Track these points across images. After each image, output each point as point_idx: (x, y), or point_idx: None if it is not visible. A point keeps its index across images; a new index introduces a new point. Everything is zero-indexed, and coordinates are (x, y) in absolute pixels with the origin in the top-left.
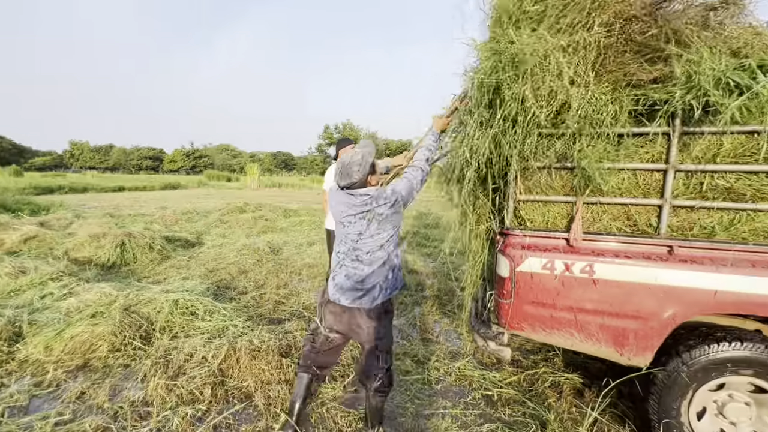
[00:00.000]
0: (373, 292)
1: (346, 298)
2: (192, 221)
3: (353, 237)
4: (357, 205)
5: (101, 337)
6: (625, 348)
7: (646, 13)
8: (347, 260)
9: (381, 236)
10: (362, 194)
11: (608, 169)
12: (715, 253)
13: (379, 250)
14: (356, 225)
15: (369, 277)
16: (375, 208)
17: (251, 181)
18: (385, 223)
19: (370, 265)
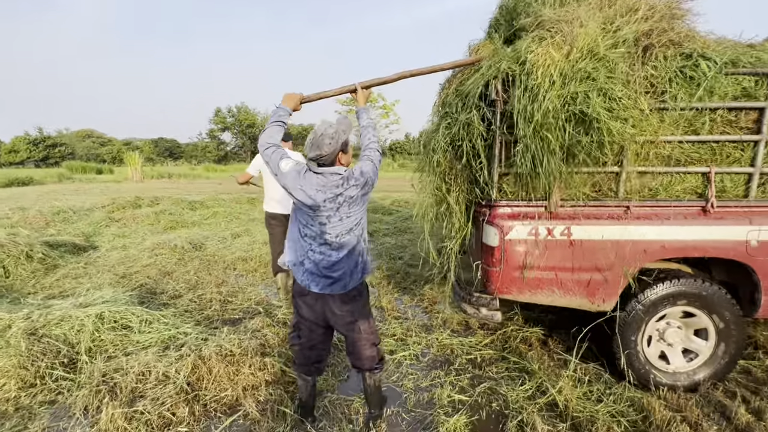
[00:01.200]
0: (344, 279)
1: (316, 284)
2: (70, 222)
3: (322, 220)
4: (328, 186)
5: (4, 374)
6: (596, 297)
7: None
8: (315, 245)
9: (350, 219)
10: (332, 173)
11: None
12: (659, 210)
13: (347, 234)
14: (325, 208)
15: (339, 263)
16: (346, 190)
17: (133, 172)
18: (354, 206)
19: (339, 250)
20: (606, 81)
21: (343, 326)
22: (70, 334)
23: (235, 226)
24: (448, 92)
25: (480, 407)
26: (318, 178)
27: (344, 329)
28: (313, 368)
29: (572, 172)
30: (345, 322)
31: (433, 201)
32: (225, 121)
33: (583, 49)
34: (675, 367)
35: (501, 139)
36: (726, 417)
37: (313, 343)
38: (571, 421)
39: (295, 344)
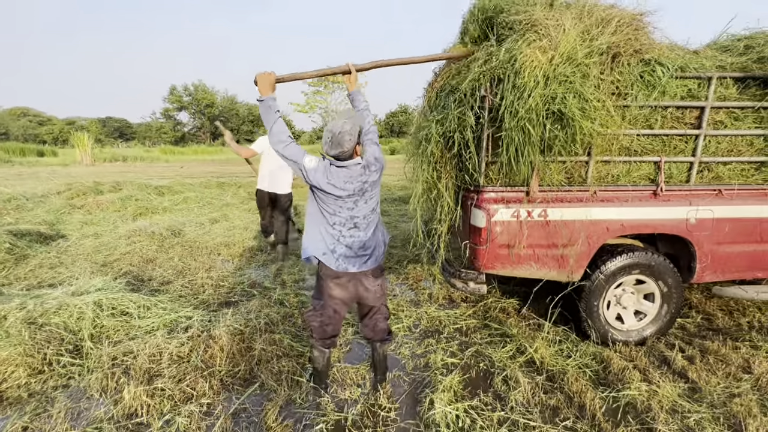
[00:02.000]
0: (375, 253)
1: (353, 264)
2: (25, 209)
3: (349, 206)
4: (355, 176)
5: (10, 362)
6: (567, 269)
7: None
8: (344, 230)
9: (373, 200)
10: (355, 164)
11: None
12: (620, 194)
13: (371, 214)
14: (353, 195)
15: (369, 241)
16: (369, 177)
17: (82, 154)
18: (374, 187)
19: (366, 229)
20: (581, 85)
21: (374, 300)
22: (70, 321)
23: (210, 212)
24: (437, 87)
25: (470, 367)
26: (343, 171)
27: (374, 302)
28: (330, 341)
29: (549, 161)
30: (376, 296)
31: (425, 187)
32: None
33: (564, 54)
34: (628, 326)
35: (488, 132)
36: (667, 363)
37: (332, 320)
38: (547, 374)
39: (314, 321)
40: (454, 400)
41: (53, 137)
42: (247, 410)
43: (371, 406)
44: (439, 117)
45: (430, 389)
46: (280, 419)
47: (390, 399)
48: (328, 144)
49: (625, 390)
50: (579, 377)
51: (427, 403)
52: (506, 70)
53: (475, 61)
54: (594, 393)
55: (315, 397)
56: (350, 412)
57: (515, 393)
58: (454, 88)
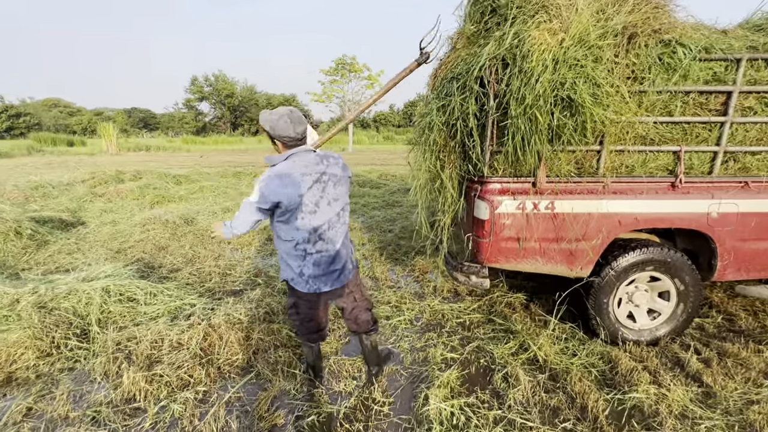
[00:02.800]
0: (346, 266)
1: (324, 284)
2: (51, 197)
3: (310, 209)
4: (311, 164)
5: (20, 345)
6: (575, 264)
7: None
8: (309, 247)
9: (337, 204)
10: (307, 150)
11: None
12: (634, 185)
13: (338, 222)
14: (312, 189)
15: (338, 255)
16: (327, 166)
17: (108, 144)
18: (339, 187)
19: (334, 242)
20: (592, 69)
21: (345, 300)
22: (78, 306)
23: (224, 201)
24: (442, 73)
25: (470, 363)
26: (299, 159)
27: (345, 302)
28: (316, 336)
29: (557, 151)
30: (353, 300)
31: (428, 177)
32: (202, 91)
33: (575, 36)
34: (640, 324)
35: (493, 119)
36: (680, 366)
37: (311, 317)
38: (549, 372)
39: (294, 319)
40: (450, 396)
41: (82, 127)
42: (241, 399)
43: (365, 399)
44: (440, 104)
45: (426, 384)
46: (273, 409)
47: (384, 393)
48: (292, 124)
49: (632, 392)
50: (583, 377)
51: (421, 398)
52: (513, 54)
53: (484, 46)
54: (598, 394)
55: (309, 388)
56: (343, 405)
57: (514, 391)
58: (458, 75)
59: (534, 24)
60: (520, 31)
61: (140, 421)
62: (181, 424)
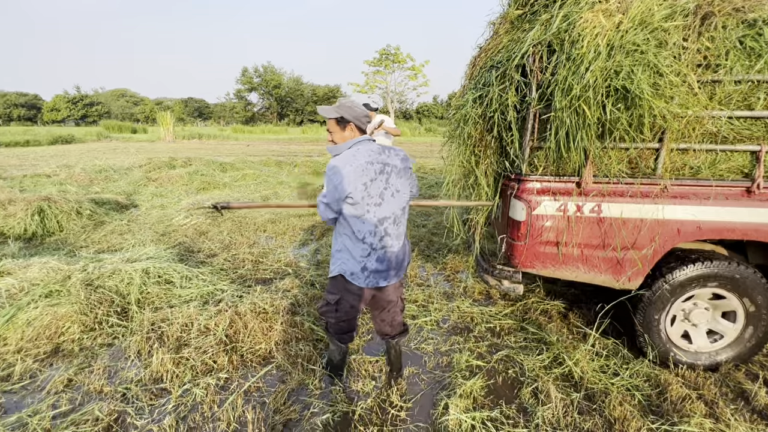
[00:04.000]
0: (404, 262)
1: (384, 279)
2: (111, 180)
3: (376, 201)
4: (374, 153)
5: (68, 318)
6: (622, 275)
7: None
8: (376, 241)
9: (401, 196)
10: (369, 140)
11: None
12: (699, 189)
13: (402, 215)
14: (376, 180)
15: (402, 251)
16: (389, 157)
17: (166, 132)
18: (401, 179)
19: (399, 238)
20: (655, 55)
21: (391, 298)
22: (121, 286)
23: (264, 189)
24: (480, 61)
25: (497, 373)
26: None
27: (390, 301)
28: (347, 337)
29: (607, 148)
30: (395, 303)
31: (461, 173)
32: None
33: (636, 18)
34: (697, 347)
35: (535, 112)
36: (744, 398)
37: (350, 315)
38: (585, 391)
39: (330, 317)
40: (472, 407)
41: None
42: (260, 389)
43: (382, 402)
44: (477, 95)
45: (448, 392)
46: (289, 403)
47: (403, 397)
48: (365, 110)
49: (682, 424)
50: (625, 400)
51: (441, 406)
52: (561, 39)
53: (528, 32)
54: (641, 422)
55: (327, 385)
56: (359, 406)
57: (544, 409)
58: (498, 63)
59: (587, 5)
60: (570, 13)
61: (165, 402)
62: (201, 408)
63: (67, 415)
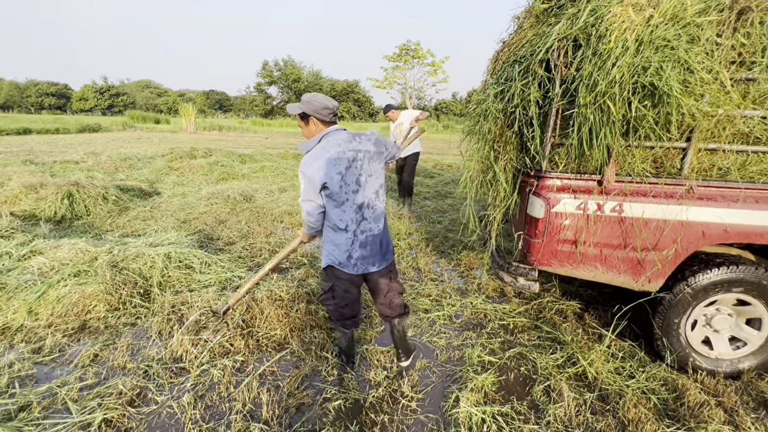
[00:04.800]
0: (389, 246)
1: (372, 264)
2: (135, 168)
3: (353, 188)
4: (344, 142)
5: (94, 297)
6: (641, 276)
7: None
8: (357, 229)
9: (375, 180)
10: (338, 129)
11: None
12: (727, 191)
13: (376, 200)
14: (351, 167)
15: (383, 235)
16: (360, 143)
17: (187, 123)
18: (373, 163)
19: (377, 221)
20: (685, 51)
21: (384, 281)
22: (144, 269)
23: (281, 181)
24: (503, 56)
25: (509, 369)
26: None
27: (383, 284)
28: (349, 323)
29: (632, 146)
30: (389, 286)
31: (479, 168)
32: (272, 75)
33: (667, 13)
34: (718, 353)
35: (557, 108)
36: (767, 407)
37: (346, 302)
38: (599, 392)
39: (329, 304)
40: (483, 402)
41: (168, 107)
42: (275, 373)
43: (393, 391)
44: (498, 89)
45: (459, 385)
46: (303, 388)
47: (414, 388)
48: (326, 99)
49: (699, 430)
50: (640, 403)
51: (452, 399)
52: (587, 33)
53: (554, 26)
54: (656, 425)
55: (340, 372)
56: (371, 394)
57: (556, 407)
58: (521, 58)
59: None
60: (598, 7)
61: (184, 380)
62: (218, 389)
63: (93, 388)
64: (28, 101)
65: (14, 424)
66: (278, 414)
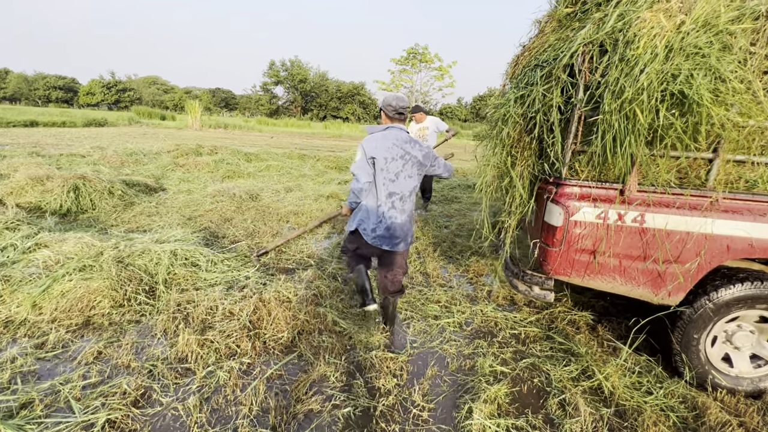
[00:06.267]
0: (407, 238)
1: (386, 244)
2: (141, 164)
3: (391, 177)
4: (400, 142)
5: (99, 293)
6: (661, 289)
7: None
8: (386, 210)
9: (413, 180)
10: (401, 129)
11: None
12: (754, 205)
13: (409, 196)
14: (396, 160)
15: (404, 226)
16: (412, 148)
17: (193, 120)
18: (413, 165)
19: (403, 213)
20: (717, 59)
21: (392, 262)
22: (149, 265)
23: (287, 180)
24: (523, 62)
25: (522, 381)
26: (391, 134)
27: (392, 264)
28: (363, 263)
29: (656, 155)
30: (399, 266)
31: (495, 174)
32: (278, 75)
33: (699, 19)
34: (739, 371)
35: (580, 114)
36: None
37: (362, 253)
38: (616, 407)
39: (348, 253)
40: (497, 414)
41: (174, 104)
42: (282, 377)
43: (403, 400)
44: (519, 94)
45: (471, 395)
46: (311, 393)
47: (425, 397)
48: (395, 98)
49: None
50: (659, 421)
51: (465, 410)
52: (614, 38)
53: (578, 30)
54: None
55: (349, 378)
56: (381, 402)
57: (572, 422)
58: (544, 62)
59: (645, 3)
60: (626, 12)
61: (189, 381)
62: (224, 391)
63: (97, 387)
64: (35, 94)
65: (15, 421)
66: (286, 420)
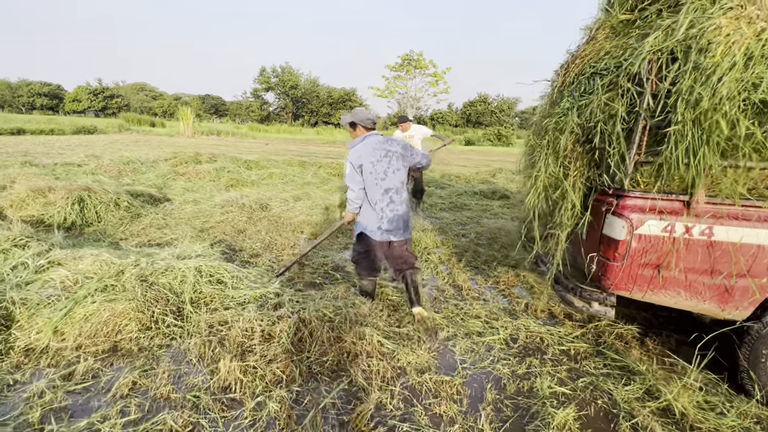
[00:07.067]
0: (408, 225)
1: (394, 235)
2: (140, 173)
3: (381, 176)
4: (378, 145)
5: (125, 316)
6: (729, 304)
7: None
8: (385, 206)
9: (400, 173)
10: (376, 134)
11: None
12: None
13: (402, 187)
14: (381, 161)
15: (405, 215)
16: (390, 145)
17: (185, 127)
18: (399, 160)
19: (401, 203)
20: None
21: (400, 249)
22: (174, 283)
23: (292, 189)
24: (575, 70)
25: (586, 403)
26: (370, 140)
27: (400, 250)
28: (375, 273)
29: (729, 167)
30: (401, 247)
31: (545, 184)
32: (269, 81)
33: None
34: None
35: (645, 124)
36: None
37: (373, 258)
38: (692, 431)
39: (361, 259)
40: None
41: (162, 110)
42: (336, 406)
43: (470, 428)
44: (579, 103)
45: (539, 421)
46: (372, 424)
47: (492, 424)
48: (368, 112)
49: None
50: None
51: None
52: (687, 46)
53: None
54: None
55: (406, 405)
56: (447, 431)
57: None
58: (603, 70)
59: (721, 10)
60: (697, 19)
61: (238, 414)
62: (278, 425)
63: (139, 424)
64: (19, 101)
65: None
66: None
